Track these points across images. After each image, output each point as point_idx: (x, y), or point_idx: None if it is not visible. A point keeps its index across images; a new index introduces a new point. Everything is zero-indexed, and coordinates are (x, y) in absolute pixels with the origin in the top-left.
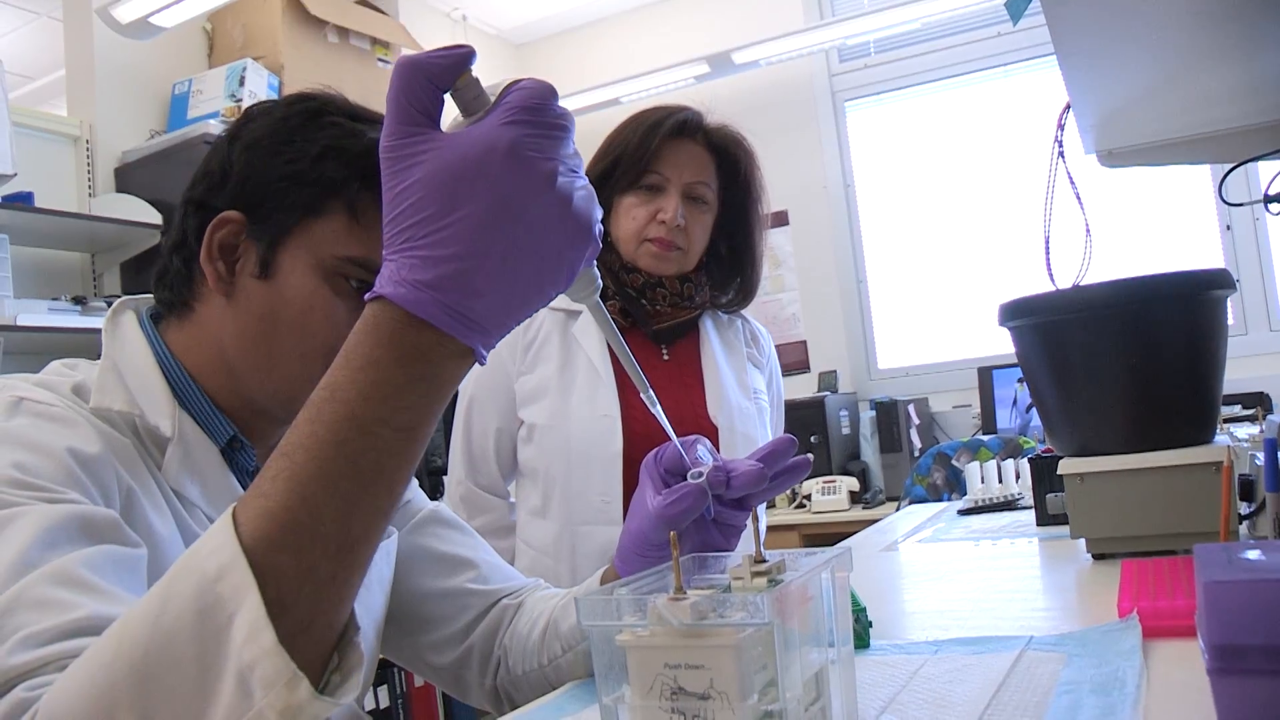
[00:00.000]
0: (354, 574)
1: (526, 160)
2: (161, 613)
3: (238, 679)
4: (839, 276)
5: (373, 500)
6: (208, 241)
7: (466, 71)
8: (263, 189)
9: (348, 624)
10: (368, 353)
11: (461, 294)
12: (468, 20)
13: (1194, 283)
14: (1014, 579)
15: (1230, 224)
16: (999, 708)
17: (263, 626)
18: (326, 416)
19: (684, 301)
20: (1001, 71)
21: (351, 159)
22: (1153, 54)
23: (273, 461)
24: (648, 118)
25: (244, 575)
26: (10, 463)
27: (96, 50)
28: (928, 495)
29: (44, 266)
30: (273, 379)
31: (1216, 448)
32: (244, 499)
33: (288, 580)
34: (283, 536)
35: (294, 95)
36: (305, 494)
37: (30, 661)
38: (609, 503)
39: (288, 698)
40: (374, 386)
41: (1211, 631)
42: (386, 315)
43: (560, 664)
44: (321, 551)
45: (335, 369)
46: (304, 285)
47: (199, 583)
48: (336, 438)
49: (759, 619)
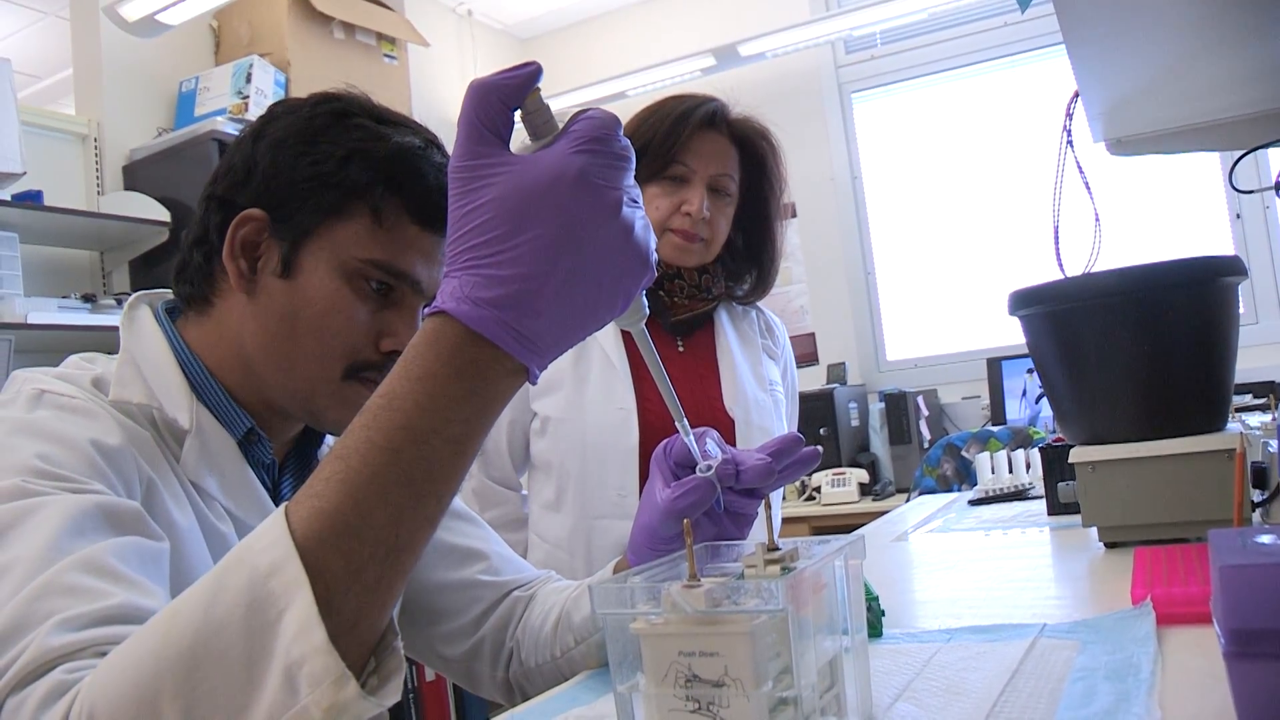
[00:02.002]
0: (399, 579)
1: (594, 188)
2: (212, 604)
3: (285, 675)
4: (847, 268)
5: (421, 508)
6: (230, 238)
7: (536, 90)
8: (287, 189)
9: (387, 629)
10: (427, 365)
11: (522, 314)
12: (473, 15)
13: (1206, 269)
14: (1026, 568)
15: (1240, 212)
16: (1013, 694)
17: (314, 624)
18: (383, 424)
19: (701, 293)
20: (1008, 61)
21: (376, 162)
22: (1162, 41)
23: (327, 464)
24: (674, 108)
25: (297, 572)
26: (34, 453)
27: (104, 48)
28: (938, 486)
29: (53, 265)
30: (292, 379)
31: (1229, 435)
32: (296, 498)
33: (336, 580)
34: (334, 537)
35: (319, 95)
36: (358, 498)
37: (70, 644)
38: (624, 496)
39: (334, 696)
40: (430, 398)
41: (1227, 616)
42: (447, 330)
43: (573, 655)
44: (370, 554)
45: (393, 378)
46: (325, 286)
47: (250, 577)
48: (391, 445)
49: (773, 605)
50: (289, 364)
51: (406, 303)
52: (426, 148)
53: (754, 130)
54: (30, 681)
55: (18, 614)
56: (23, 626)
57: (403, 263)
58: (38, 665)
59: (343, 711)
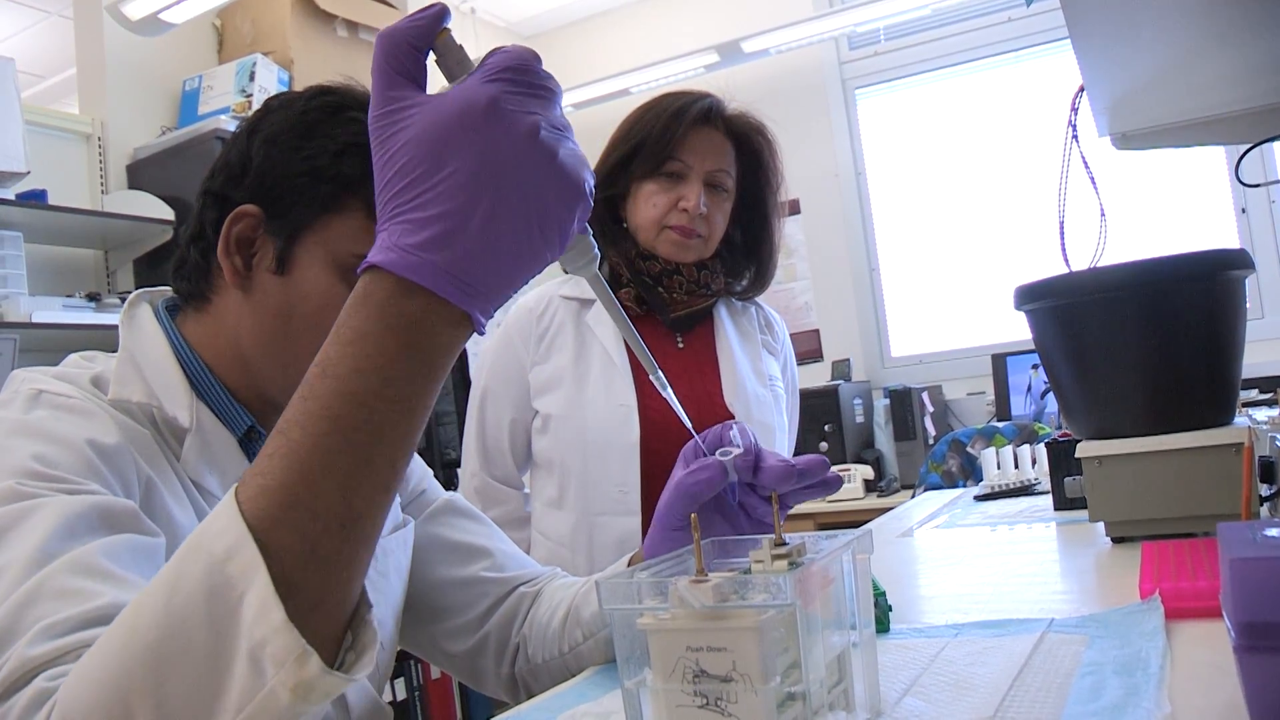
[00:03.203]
0: (360, 551)
1: (507, 114)
2: (171, 596)
3: (250, 658)
4: (851, 265)
5: (372, 475)
6: (225, 235)
7: (445, 31)
8: (281, 184)
9: (360, 601)
10: (358, 325)
11: (451, 253)
12: (476, 13)
13: (1212, 263)
14: (1032, 563)
15: (1245, 207)
16: (1022, 689)
17: (272, 604)
18: (319, 392)
19: (699, 289)
20: (1012, 57)
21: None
22: (1167, 35)
23: (270, 440)
24: (669, 104)
25: (252, 554)
26: (30, 455)
27: (107, 47)
28: (943, 483)
29: (58, 264)
30: (288, 376)
31: (1237, 429)
32: (244, 478)
33: (292, 558)
34: (283, 514)
35: (314, 89)
36: (303, 470)
37: (49, 651)
38: (626, 493)
39: (298, 673)
40: (365, 359)
41: (1238, 609)
42: (377, 285)
43: (581, 651)
44: (323, 528)
45: (327, 345)
46: (320, 282)
47: (207, 564)
48: (330, 413)
49: (781, 600)
50: (286, 361)
51: None
52: None
53: (750, 125)
54: (14, 691)
55: (5, 622)
56: (9, 635)
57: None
58: (20, 675)
59: (310, 689)
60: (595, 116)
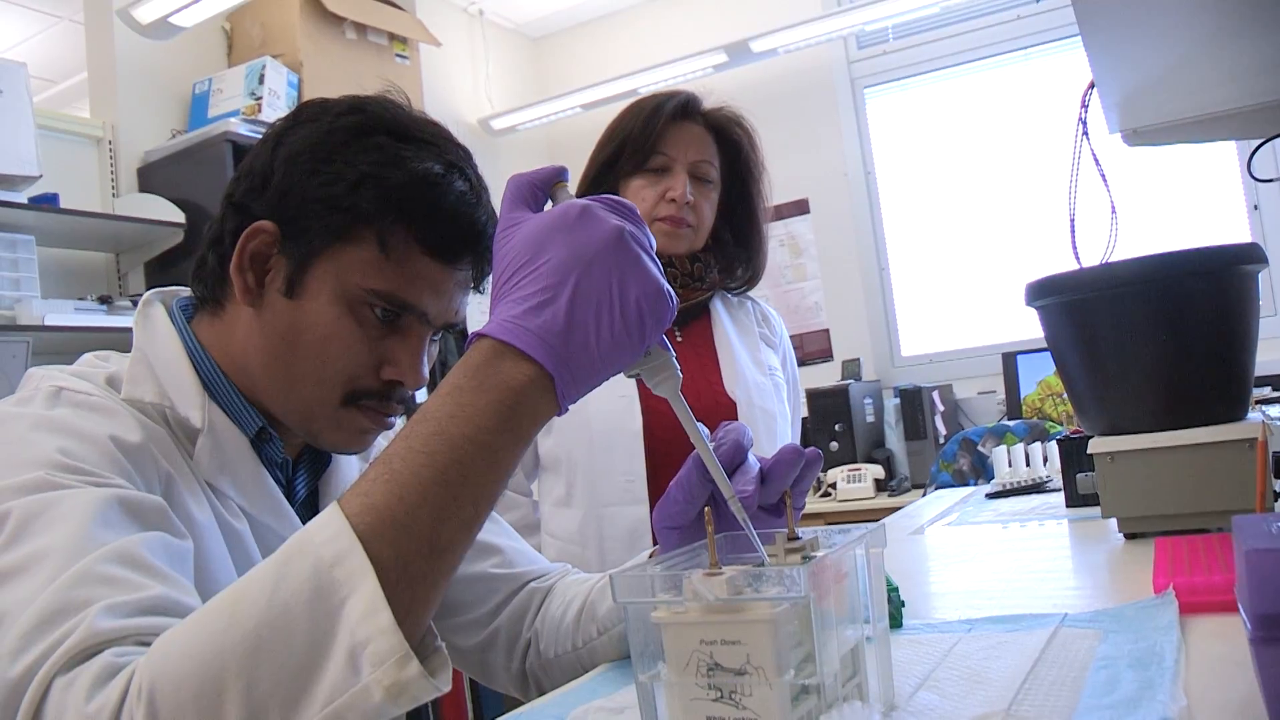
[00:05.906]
0: (442, 579)
1: (597, 218)
2: (275, 591)
3: (348, 655)
4: (861, 264)
5: (459, 511)
6: (240, 249)
7: (562, 182)
8: (298, 205)
9: (427, 633)
10: (456, 380)
11: (540, 320)
12: (485, 15)
13: (1225, 257)
14: (1045, 559)
15: (1258, 203)
16: (1036, 682)
17: (380, 607)
18: (419, 432)
19: (694, 282)
20: (1022, 55)
21: (388, 190)
22: (1178, 30)
23: (372, 469)
24: (648, 104)
25: (361, 561)
26: (56, 448)
27: (117, 51)
28: (954, 482)
29: (69, 267)
30: (289, 399)
31: (1250, 424)
32: (346, 496)
33: (389, 573)
34: (385, 531)
35: (346, 102)
36: (402, 495)
37: (119, 629)
38: (633, 482)
39: (397, 674)
40: (459, 408)
41: (1254, 601)
42: (477, 348)
43: (595, 646)
44: (416, 550)
45: (429, 398)
46: (326, 313)
47: (315, 565)
48: (427, 449)
49: (795, 593)
50: (287, 384)
51: (413, 331)
52: (447, 173)
53: (727, 118)
54: (79, 662)
55: (58, 599)
56: (64, 611)
57: (408, 294)
58: (87, 647)
59: (403, 690)
60: (604, 118)
